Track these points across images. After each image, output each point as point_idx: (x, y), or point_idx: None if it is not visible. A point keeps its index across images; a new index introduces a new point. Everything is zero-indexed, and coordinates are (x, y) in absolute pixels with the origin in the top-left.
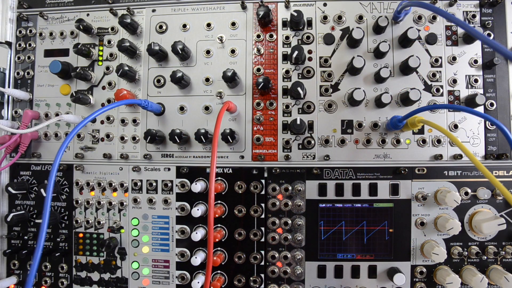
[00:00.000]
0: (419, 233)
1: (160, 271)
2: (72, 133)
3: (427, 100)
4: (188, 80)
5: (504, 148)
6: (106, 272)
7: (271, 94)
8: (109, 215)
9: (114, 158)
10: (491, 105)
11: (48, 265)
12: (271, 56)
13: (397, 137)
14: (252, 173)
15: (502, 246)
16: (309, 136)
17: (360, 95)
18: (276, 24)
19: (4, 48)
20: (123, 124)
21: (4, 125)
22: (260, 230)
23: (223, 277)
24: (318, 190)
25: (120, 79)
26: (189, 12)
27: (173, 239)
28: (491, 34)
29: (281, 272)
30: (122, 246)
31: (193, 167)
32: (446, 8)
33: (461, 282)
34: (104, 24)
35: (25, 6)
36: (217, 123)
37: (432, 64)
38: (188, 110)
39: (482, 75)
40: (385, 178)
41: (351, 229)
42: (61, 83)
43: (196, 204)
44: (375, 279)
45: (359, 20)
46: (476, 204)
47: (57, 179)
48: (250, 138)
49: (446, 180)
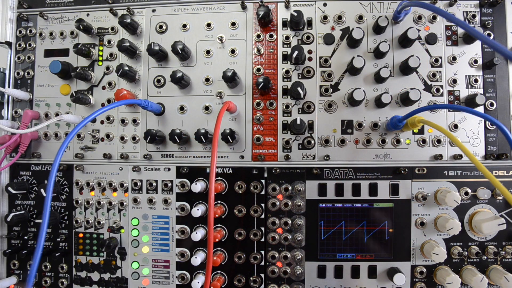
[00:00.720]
0: (419, 233)
1: (160, 271)
2: (72, 133)
3: (427, 100)
4: (188, 80)
5: (504, 148)
6: (106, 272)
7: (271, 94)
8: (109, 215)
9: (114, 158)
10: (491, 105)
11: (48, 265)
12: (271, 56)
13: (397, 137)
14: (252, 173)
15: (502, 246)
16: (309, 136)
17: (360, 95)
18: (276, 24)
19: (4, 48)
20: (123, 124)
21: (4, 125)
22: (260, 230)
23: (223, 277)
24: (318, 190)
25: (120, 79)
26: (189, 12)
27: (173, 239)
28: (491, 34)
29: (281, 272)
30: (122, 246)
31: (193, 167)
32: (446, 8)
33: (461, 282)
34: (104, 24)
35: (25, 6)
36: (217, 123)
37: (432, 64)
38: (188, 110)
39: (482, 75)
40: (385, 178)
41: (351, 229)
42: (61, 83)
43: (196, 204)
44: (375, 279)
45: (359, 20)
46: (476, 204)
47: (57, 179)
48: (250, 138)
49: (446, 180)
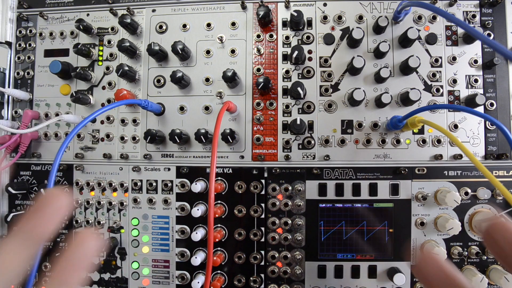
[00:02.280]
0: (419, 233)
1: (160, 271)
2: (72, 133)
3: (427, 100)
4: (188, 80)
5: (504, 148)
6: (106, 272)
7: (271, 94)
8: (109, 215)
9: (114, 158)
10: (491, 105)
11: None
12: (271, 56)
13: (397, 137)
14: (252, 173)
15: None
16: (309, 136)
17: (360, 95)
18: (276, 24)
19: (4, 48)
20: (123, 124)
21: (4, 125)
22: (260, 230)
23: (223, 277)
24: (318, 190)
25: (120, 79)
26: (189, 12)
27: (173, 239)
28: (491, 34)
29: (281, 272)
30: (122, 246)
31: (193, 167)
32: (446, 8)
33: None
34: (104, 24)
35: (25, 6)
36: (217, 123)
37: (432, 64)
38: (188, 110)
39: (482, 75)
40: (385, 178)
41: (351, 229)
42: (61, 83)
43: (196, 204)
44: (375, 279)
45: (359, 20)
46: (476, 204)
47: (57, 179)
48: (250, 138)
49: (446, 180)
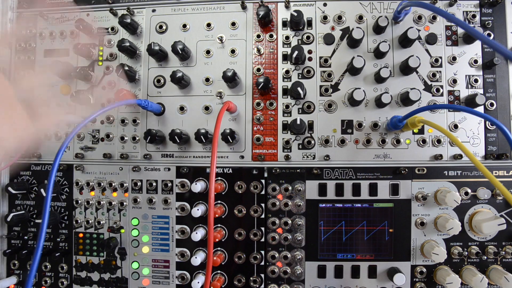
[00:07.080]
0: (419, 233)
1: (160, 271)
2: (72, 133)
3: (427, 100)
4: (188, 80)
5: (504, 148)
6: (106, 272)
7: (271, 94)
8: (109, 215)
9: (114, 158)
10: (491, 105)
11: (48, 265)
12: (271, 56)
13: (397, 137)
14: (252, 173)
15: (502, 246)
16: (309, 136)
17: (360, 95)
18: (276, 24)
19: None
20: (123, 124)
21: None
22: (260, 230)
23: (223, 277)
24: (318, 190)
25: (120, 79)
26: (189, 12)
27: (173, 239)
28: (491, 34)
29: (281, 272)
30: (122, 246)
31: (193, 167)
32: (446, 8)
33: (461, 282)
34: (104, 24)
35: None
36: (217, 123)
37: (432, 64)
38: (188, 110)
39: (482, 75)
40: (385, 178)
41: (351, 229)
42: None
43: (196, 204)
44: (375, 279)
45: (359, 20)
46: (476, 204)
47: (57, 179)
48: (250, 138)
49: (446, 180)
